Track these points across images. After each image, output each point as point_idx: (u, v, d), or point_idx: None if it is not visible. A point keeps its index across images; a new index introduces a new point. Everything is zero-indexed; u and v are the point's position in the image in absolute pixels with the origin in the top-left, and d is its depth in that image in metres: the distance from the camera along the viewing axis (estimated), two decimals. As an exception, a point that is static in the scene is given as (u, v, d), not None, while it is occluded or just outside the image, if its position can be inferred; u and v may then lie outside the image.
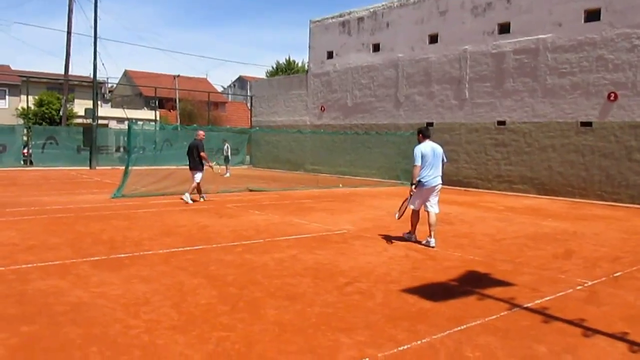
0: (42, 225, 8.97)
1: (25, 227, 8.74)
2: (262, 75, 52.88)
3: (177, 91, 44.16)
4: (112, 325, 4.30)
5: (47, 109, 35.38)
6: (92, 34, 26.42)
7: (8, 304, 4.76)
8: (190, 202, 12.57)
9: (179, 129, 28.88)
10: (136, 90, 48.85)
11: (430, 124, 20.17)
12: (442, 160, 8.27)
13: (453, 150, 19.21)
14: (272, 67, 52.87)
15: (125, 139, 27.30)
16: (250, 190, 16.27)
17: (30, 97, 32.35)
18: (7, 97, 38.97)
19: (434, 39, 20.41)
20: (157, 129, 32.41)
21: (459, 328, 4.43)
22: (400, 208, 8.52)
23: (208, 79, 59.59)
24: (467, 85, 19.18)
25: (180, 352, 3.79)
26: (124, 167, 14.96)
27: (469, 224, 10.66)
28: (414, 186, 8.12)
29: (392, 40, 22.02)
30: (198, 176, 12.81)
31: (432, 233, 8.06)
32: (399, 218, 8.52)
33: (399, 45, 21.67)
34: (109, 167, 25.84)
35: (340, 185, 19.00)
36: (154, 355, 3.72)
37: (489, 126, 18.55)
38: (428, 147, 8.17)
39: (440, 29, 20.12)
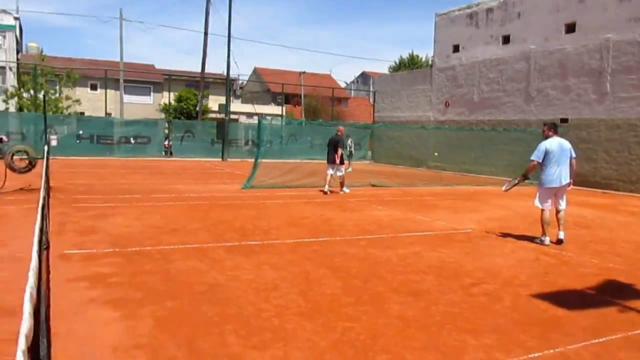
0: (181, 211, 9.78)
1: (167, 212, 9.59)
2: (385, 71, 52.68)
3: (302, 87, 45.53)
4: (245, 307, 4.60)
5: (185, 104, 38.44)
6: (226, 34, 28.01)
7: (157, 280, 5.28)
8: (347, 190, 13.92)
9: (303, 124, 29.79)
10: (264, 86, 51.14)
11: (564, 120, 18.82)
12: (570, 156, 7.84)
13: (590, 149, 17.78)
14: (395, 63, 52.55)
15: (254, 133, 28.87)
16: (373, 186, 16.36)
17: (170, 94, 35.29)
18: (151, 93, 42.88)
19: (571, 28, 18.96)
20: (284, 123, 33.77)
21: (596, 340, 4.13)
22: (510, 181, 8.59)
23: (332, 75, 60.63)
24: (608, 78, 17.59)
25: (307, 337, 3.96)
26: (252, 160, 15.78)
27: (609, 228, 9.83)
28: (523, 177, 8.22)
29: (523, 31, 20.83)
30: (341, 169, 13.81)
31: (561, 227, 7.89)
32: (505, 190, 8.77)
33: (531, 36, 20.44)
34: (239, 160, 27.38)
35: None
36: (283, 339, 3.91)
37: (634, 122, 16.86)
38: (555, 143, 7.77)
39: (579, 17, 18.63)
